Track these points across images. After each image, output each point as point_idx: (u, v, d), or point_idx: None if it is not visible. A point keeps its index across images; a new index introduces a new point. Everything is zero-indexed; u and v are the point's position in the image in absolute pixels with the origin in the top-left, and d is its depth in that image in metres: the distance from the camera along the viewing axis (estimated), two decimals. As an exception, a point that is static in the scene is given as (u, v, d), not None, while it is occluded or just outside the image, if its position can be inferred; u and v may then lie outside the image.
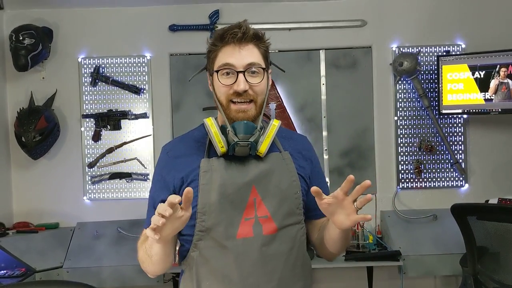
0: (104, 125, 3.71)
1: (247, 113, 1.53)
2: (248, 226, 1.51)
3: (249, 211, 1.51)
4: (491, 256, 2.70)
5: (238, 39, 1.51)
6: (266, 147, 1.54)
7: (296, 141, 1.71)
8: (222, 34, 1.54)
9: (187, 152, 1.61)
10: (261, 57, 1.56)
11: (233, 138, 1.50)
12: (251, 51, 1.54)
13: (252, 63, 1.52)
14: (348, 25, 3.75)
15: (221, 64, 1.53)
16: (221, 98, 1.55)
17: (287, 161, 1.60)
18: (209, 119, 1.56)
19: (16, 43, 3.44)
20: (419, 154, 3.75)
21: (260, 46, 1.56)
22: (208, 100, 3.78)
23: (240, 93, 1.51)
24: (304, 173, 1.62)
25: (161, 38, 3.77)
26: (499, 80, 3.35)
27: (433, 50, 3.74)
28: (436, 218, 3.56)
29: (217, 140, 1.51)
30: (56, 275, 3.33)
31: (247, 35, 1.52)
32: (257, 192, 1.52)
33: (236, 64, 1.51)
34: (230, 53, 1.52)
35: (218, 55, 1.55)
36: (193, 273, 1.54)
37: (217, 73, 1.54)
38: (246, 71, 1.51)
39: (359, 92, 3.78)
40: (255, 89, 1.53)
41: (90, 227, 3.64)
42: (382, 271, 3.62)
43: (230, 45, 1.53)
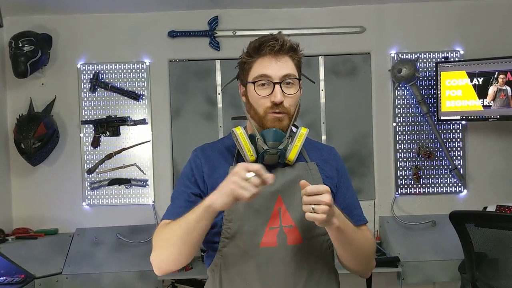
0: (103, 131, 3.71)
1: (282, 122, 1.54)
2: (273, 236, 1.51)
3: (274, 220, 1.51)
4: (490, 262, 2.70)
5: (275, 52, 1.53)
6: (295, 155, 1.55)
7: (323, 151, 1.71)
8: (258, 46, 1.55)
9: (217, 159, 1.62)
10: (295, 68, 1.57)
11: (263, 146, 1.51)
12: (287, 63, 1.55)
13: (288, 75, 1.54)
14: (347, 32, 3.76)
15: (257, 75, 1.54)
16: (259, 109, 1.56)
17: (313, 172, 1.60)
18: (238, 128, 1.57)
19: (16, 50, 3.45)
20: (417, 160, 3.76)
21: (295, 58, 1.58)
22: (206, 107, 3.79)
23: (277, 104, 1.52)
24: (330, 183, 1.60)
25: (160, 44, 3.78)
26: (498, 87, 3.36)
27: (432, 57, 3.75)
28: (435, 224, 3.57)
29: (246, 149, 1.53)
30: (55, 282, 3.33)
31: (284, 48, 1.54)
32: (282, 201, 1.52)
33: (272, 76, 1.52)
34: (267, 65, 1.53)
35: (253, 66, 1.56)
36: (217, 279, 1.54)
37: (254, 84, 1.55)
38: (282, 83, 1.53)
39: (358, 98, 3.79)
40: (290, 100, 1.55)
41: (90, 233, 3.64)
42: (381, 278, 3.62)
43: (267, 57, 1.54)
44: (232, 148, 1.63)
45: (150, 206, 3.76)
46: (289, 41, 1.56)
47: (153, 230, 3.65)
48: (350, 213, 1.62)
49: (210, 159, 1.62)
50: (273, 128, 1.52)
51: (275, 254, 1.49)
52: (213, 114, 3.79)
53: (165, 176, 3.78)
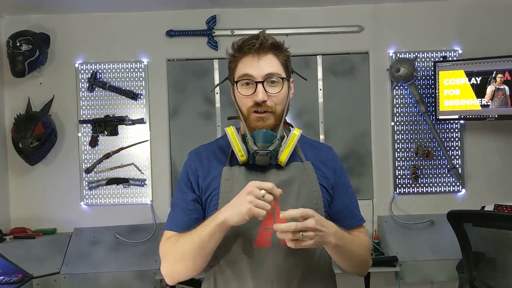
0: (101, 130, 3.71)
1: (266, 121, 1.53)
2: (267, 236, 1.50)
3: (268, 221, 1.49)
4: (487, 262, 2.70)
5: (255, 50, 1.52)
6: (286, 156, 1.54)
7: (320, 150, 1.69)
8: (240, 45, 1.55)
9: (211, 160, 1.62)
10: (280, 67, 1.55)
11: (252, 147, 1.51)
12: (270, 61, 1.53)
13: (270, 73, 1.52)
14: (345, 31, 3.76)
15: (240, 74, 1.54)
16: (242, 108, 1.57)
17: (308, 171, 1.59)
18: (229, 128, 1.57)
19: (13, 49, 3.44)
20: (416, 159, 3.76)
21: (280, 56, 1.56)
22: (205, 106, 3.78)
23: (259, 103, 1.52)
24: (326, 183, 1.60)
25: (158, 44, 3.78)
26: (496, 86, 3.36)
27: (430, 56, 3.75)
28: (433, 224, 3.57)
29: (237, 149, 1.53)
30: (53, 281, 3.33)
31: (264, 45, 1.52)
32: (276, 202, 1.48)
33: (254, 75, 1.52)
34: (249, 63, 1.53)
35: (237, 65, 1.56)
36: (212, 281, 1.55)
37: (237, 84, 1.55)
38: (265, 81, 1.52)
39: (356, 97, 3.79)
40: (274, 99, 1.53)
41: (87, 233, 3.64)
42: (379, 277, 3.62)
43: (249, 56, 1.53)
44: (226, 149, 1.63)
45: (148, 206, 3.75)
46: (272, 39, 1.54)
47: (151, 230, 3.66)
48: (349, 214, 1.63)
49: (205, 162, 1.61)
50: (264, 129, 1.52)
51: (269, 254, 1.49)
52: (211, 114, 3.79)
53: (163, 176, 3.77)
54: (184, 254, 1.46)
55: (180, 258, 1.47)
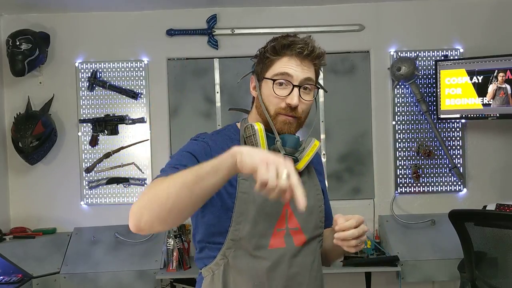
0: (101, 130, 3.70)
1: (292, 126, 1.51)
2: (280, 237, 1.50)
3: (281, 222, 1.51)
4: (489, 261, 2.70)
5: (304, 56, 1.49)
6: (304, 164, 1.54)
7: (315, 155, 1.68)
8: (288, 45, 1.50)
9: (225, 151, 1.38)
10: (314, 75, 1.54)
11: (280, 150, 1.48)
12: (310, 69, 1.51)
13: (308, 79, 1.50)
14: (346, 30, 3.75)
15: (278, 72, 1.49)
16: (270, 107, 1.52)
17: (311, 174, 1.62)
18: (258, 124, 1.50)
19: (13, 48, 3.43)
20: (417, 158, 3.74)
21: (317, 66, 1.55)
22: (205, 105, 3.77)
23: (292, 107, 1.49)
24: (322, 186, 1.66)
25: (159, 43, 3.77)
26: (497, 85, 3.35)
27: (431, 55, 3.74)
28: (434, 223, 3.56)
29: (263, 147, 1.49)
30: (53, 281, 3.32)
31: (313, 54, 1.50)
32: (289, 204, 1.49)
33: (294, 77, 1.48)
34: (292, 65, 1.49)
35: (275, 62, 1.51)
36: (220, 281, 1.51)
37: (273, 82, 1.51)
38: (301, 87, 1.50)
39: (357, 96, 3.78)
40: (304, 107, 1.51)
41: (88, 232, 3.63)
42: (380, 277, 3.61)
43: (293, 58, 1.50)
44: (237, 143, 1.55)
45: (149, 205, 3.74)
46: (319, 49, 1.52)
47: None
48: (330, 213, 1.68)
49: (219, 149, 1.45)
50: (295, 135, 1.51)
51: (284, 255, 1.49)
52: (211, 113, 3.78)
53: (164, 175, 3.76)
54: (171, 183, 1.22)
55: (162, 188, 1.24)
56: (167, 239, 3.39)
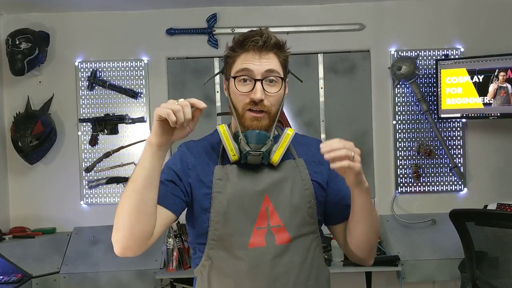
0: (101, 129, 3.69)
1: (261, 121, 1.50)
2: (261, 236, 1.48)
3: (261, 221, 1.48)
4: (490, 261, 2.69)
5: (259, 47, 1.48)
6: (279, 156, 1.50)
7: (311, 146, 1.66)
8: (242, 40, 1.49)
9: (203, 156, 1.58)
10: (280, 66, 1.51)
11: (245, 147, 1.47)
12: (271, 60, 1.50)
13: (270, 70, 1.49)
14: (346, 29, 3.74)
15: (239, 69, 1.49)
16: (237, 105, 1.52)
17: (300, 169, 1.56)
18: (221, 126, 1.52)
19: (13, 48, 3.43)
20: (417, 158, 3.74)
21: (280, 55, 1.53)
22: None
23: (256, 102, 1.48)
24: (320, 178, 1.58)
25: (159, 42, 3.76)
26: (498, 84, 3.34)
27: (432, 54, 3.73)
28: (435, 223, 3.55)
29: (229, 148, 1.48)
30: (53, 281, 3.32)
31: (268, 43, 1.48)
32: (269, 201, 1.48)
33: (254, 71, 1.47)
34: (250, 60, 1.49)
35: (236, 60, 1.51)
36: (205, 281, 1.52)
37: (234, 79, 1.50)
38: (264, 80, 1.49)
39: (357, 96, 3.77)
40: (271, 99, 1.50)
41: (87, 232, 3.63)
42: (381, 277, 3.61)
43: (250, 52, 1.49)
44: (217, 146, 1.59)
45: (149, 205, 3.73)
46: (275, 38, 1.51)
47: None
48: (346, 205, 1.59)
49: (196, 157, 1.57)
50: (257, 130, 1.48)
51: (264, 254, 1.47)
52: (211, 112, 3.77)
53: (164, 175, 3.75)
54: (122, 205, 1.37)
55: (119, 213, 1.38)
56: (167, 238, 3.39)
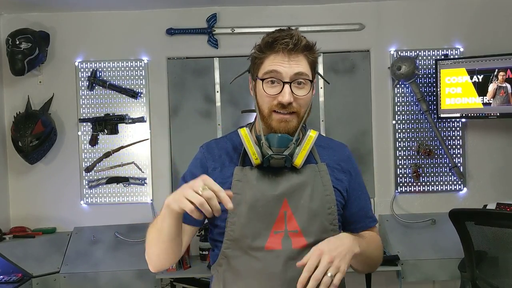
0: (101, 129, 3.69)
1: (289, 123, 1.47)
2: (277, 239, 1.47)
3: (279, 225, 1.47)
4: (490, 261, 2.69)
5: (288, 50, 1.44)
6: (302, 159, 1.48)
7: (335, 150, 1.64)
8: (272, 42, 1.46)
9: (223, 157, 1.58)
10: (309, 68, 1.48)
11: (267, 151, 1.46)
12: (300, 62, 1.46)
13: (299, 73, 1.46)
14: (346, 29, 3.74)
15: (267, 70, 1.46)
16: (263, 106, 1.49)
17: (322, 174, 1.54)
18: (243, 130, 1.50)
19: (13, 48, 3.43)
20: (417, 158, 3.74)
21: (310, 57, 1.49)
22: (205, 105, 3.77)
23: (284, 104, 1.45)
24: (341, 186, 1.56)
25: (159, 42, 3.76)
26: (498, 84, 3.34)
27: (431, 54, 3.73)
28: (435, 223, 3.56)
29: (251, 152, 1.47)
30: (53, 281, 3.32)
31: (298, 46, 1.45)
32: (288, 205, 1.47)
33: (283, 74, 1.44)
34: (279, 62, 1.45)
35: (264, 61, 1.48)
36: (221, 279, 1.53)
37: (262, 81, 1.48)
38: (293, 82, 1.45)
39: (357, 96, 3.78)
40: (300, 101, 1.47)
41: (87, 232, 3.63)
42: (381, 276, 3.61)
43: (279, 54, 1.45)
44: (239, 146, 1.57)
45: (149, 205, 3.74)
46: (305, 39, 1.48)
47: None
48: (364, 215, 1.62)
49: (216, 158, 1.57)
50: (279, 134, 1.46)
51: (279, 257, 1.46)
52: (211, 112, 3.78)
53: (164, 175, 3.76)
54: (150, 241, 1.48)
55: (149, 244, 1.49)
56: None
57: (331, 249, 1.31)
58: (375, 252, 1.57)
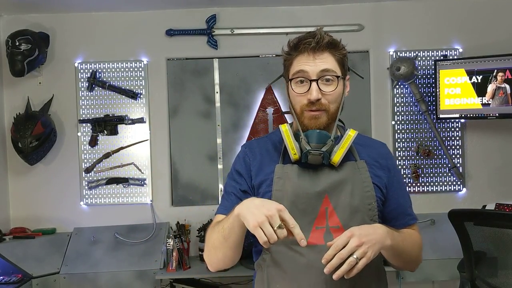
0: (101, 130, 3.70)
1: (319, 120, 1.53)
2: (319, 234, 1.50)
3: (320, 220, 1.51)
4: (489, 261, 2.69)
5: (312, 48, 1.51)
6: (340, 157, 1.52)
7: (374, 148, 1.68)
8: (296, 43, 1.55)
9: (264, 155, 1.63)
10: (336, 64, 1.55)
11: (306, 146, 1.50)
12: (326, 60, 1.53)
13: (325, 70, 1.51)
14: (345, 30, 3.75)
15: (294, 71, 1.54)
16: (296, 106, 1.56)
17: (361, 171, 1.57)
18: (284, 125, 1.56)
19: (13, 49, 3.43)
20: (416, 158, 3.75)
21: (336, 54, 1.55)
22: (204, 105, 3.77)
23: (313, 101, 1.50)
24: (380, 182, 1.59)
25: (158, 43, 3.77)
26: (496, 84, 3.35)
27: (431, 55, 3.74)
28: (434, 223, 3.56)
29: (290, 147, 1.52)
30: (53, 281, 3.32)
31: (321, 44, 1.51)
32: (329, 201, 1.51)
33: (309, 72, 1.51)
34: (304, 61, 1.52)
35: (292, 63, 1.56)
36: (265, 275, 1.55)
37: (291, 82, 1.55)
38: (320, 79, 1.51)
39: (356, 96, 3.78)
40: (328, 97, 1.52)
41: (87, 233, 3.63)
42: (380, 276, 3.61)
43: (305, 54, 1.53)
44: (278, 145, 1.63)
45: (148, 205, 3.74)
46: (329, 37, 1.54)
47: (151, 229, 3.67)
48: (403, 213, 1.64)
49: (257, 158, 1.62)
50: (317, 130, 1.51)
51: (322, 251, 1.45)
52: (211, 113, 3.78)
53: (163, 175, 3.76)
54: (214, 244, 1.48)
55: (212, 248, 1.50)
56: (167, 239, 3.39)
57: (361, 234, 1.33)
58: (410, 249, 1.56)
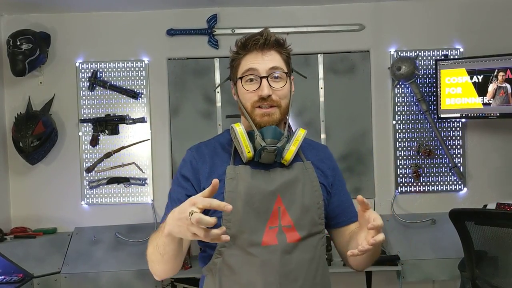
0: (102, 129, 3.70)
1: (272, 116, 1.55)
2: (272, 234, 1.51)
3: (273, 220, 1.52)
4: (490, 260, 2.69)
5: (260, 46, 1.54)
6: (291, 154, 1.55)
7: (318, 150, 1.73)
8: (244, 42, 1.57)
9: (214, 158, 1.61)
10: (283, 63, 1.58)
11: (261, 143, 1.51)
12: (273, 57, 1.56)
13: (274, 67, 1.55)
14: (346, 29, 3.75)
15: (244, 70, 1.56)
16: (246, 104, 1.57)
17: (309, 171, 1.61)
18: (237, 124, 1.57)
19: (14, 48, 3.43)
20: (417, 158, 3.74)
21: (282, 52, 1.59)
22: (205, 105, 3.78)
23: (264, 98, 1.53)
24: (326, 182, 1.64)
25: (159, 43, 3.77)
26: (497, 84, 3.35)
27: (431, 54, 3.74)
28: (435, 223, 3.56)
29: (244, 145, 1.53)
30: (54, 281, 3.32)
31: (268, 41, 1.55)
32: (281, 201, 1.52)
33: (259, 69, 1.54)
34: (253, 59, 1.55)
35: (241, 62, 1.58)
36: (216, 279, 1.53)
37: (241, 80, 1.57)
38: (269, 76, 1.54)
39: (357, 96, 3.78)
40: (279, 93, 1.55)
41: (88, 232, 3.63)
42: (381, 276, 3.61)
43: (253, 52, 1.56)
44: (227, 146, 1.63)
45: (149, 205, 3.74)
46: (274, 36, 1.57)
47: (152, 229, 3.66)
48: (346, 209, 1.68)
49: (206, 160, 1.59)
50: (272, 126, 1.53)
51: (276, 251, 1.50)
52: (211, 112, 3.78)
53: (164, 175, 3.77)
54: (151, 258, 1.47)
55: (151, 262, 1.48)
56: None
57: None
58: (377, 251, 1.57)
